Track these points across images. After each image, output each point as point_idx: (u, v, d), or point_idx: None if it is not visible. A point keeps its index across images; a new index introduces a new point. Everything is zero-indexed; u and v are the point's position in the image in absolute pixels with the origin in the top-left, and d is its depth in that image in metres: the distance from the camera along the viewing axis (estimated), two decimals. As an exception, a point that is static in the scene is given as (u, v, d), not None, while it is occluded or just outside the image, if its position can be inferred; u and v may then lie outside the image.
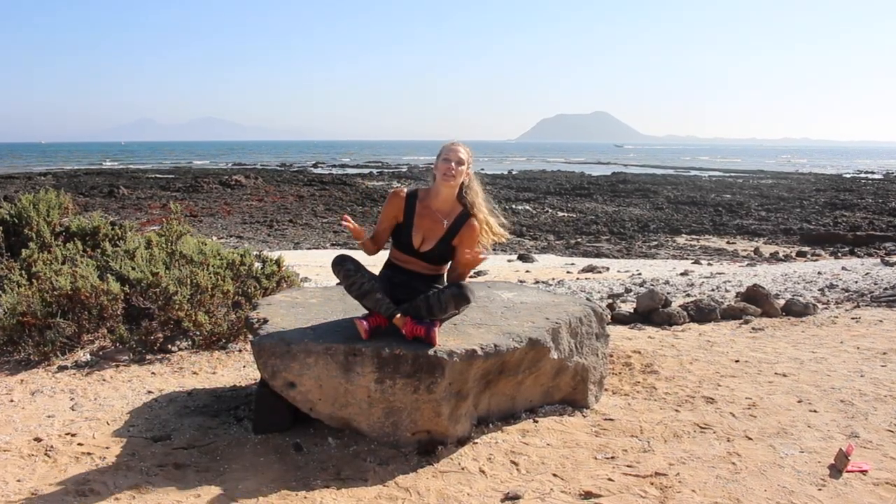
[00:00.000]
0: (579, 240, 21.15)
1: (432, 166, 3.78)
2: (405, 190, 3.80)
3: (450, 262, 3.77)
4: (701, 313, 6.78)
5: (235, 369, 4.96)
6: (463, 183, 3.75)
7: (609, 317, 6.72)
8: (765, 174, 57.00)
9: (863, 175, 56.40)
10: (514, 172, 53.85)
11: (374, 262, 4.01)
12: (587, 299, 6.00)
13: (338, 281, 3.73)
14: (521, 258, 16.47)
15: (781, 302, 7.24)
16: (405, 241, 3.72)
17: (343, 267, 3.57)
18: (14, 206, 6.77)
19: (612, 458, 3.45)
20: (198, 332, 5.32)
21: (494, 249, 18.94)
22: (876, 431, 3.80)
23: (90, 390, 4.46)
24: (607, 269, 13.99)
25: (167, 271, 5.49)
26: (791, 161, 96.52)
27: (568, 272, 13.60)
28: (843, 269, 11.26)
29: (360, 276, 3.55)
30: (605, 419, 3.97)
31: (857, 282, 9.20)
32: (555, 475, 3.25)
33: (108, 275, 5.46)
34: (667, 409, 4.15)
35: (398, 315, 3.53)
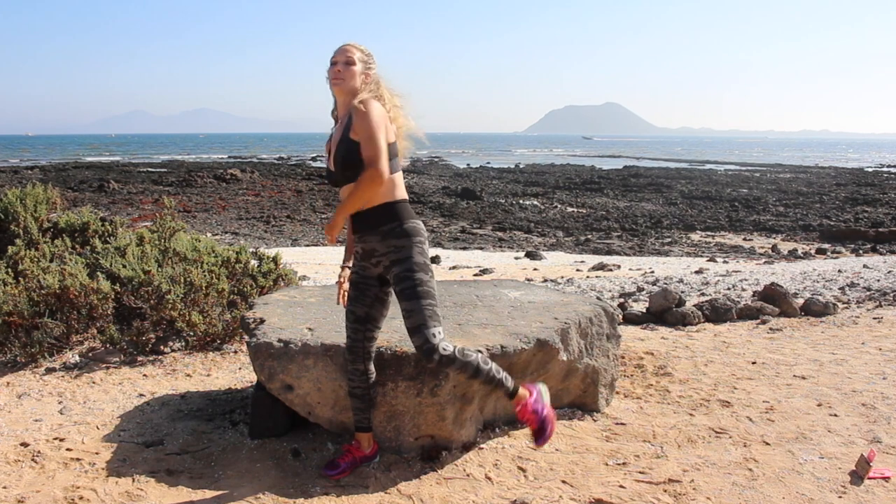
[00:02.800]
0: (589, 236, 21.13)
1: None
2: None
3: (353, 171, 3.02)
4: (716, 313, 6.77)
5: (231, 371, 4.97)
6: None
7: (620, 317, 6.71)
8: (783, 168, 56.89)
9: (885, 169, 56.23)
10: (521, 166, 53.84)
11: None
12: (597, 298, 6.00)
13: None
14: (529, 255, 16.46)
15: (800, 301, 7.22)
16: (328, 173, 3.19)
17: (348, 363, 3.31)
18: (0, 201, 6.78)
19: (624, 464, 3.44)
20: (191, 333, 5.32)
21: (500, 246, 18.93)
22: (900, 436, 3.79)
23: (79, 393, 4.47)
24: (618, 266, 13.98)
25: (159, 269, 5.49)
26: (810, 155, 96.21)
27: (577, 270, 13.58)
28: (865, 267, 11.22)
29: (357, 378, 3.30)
30: (617, 423, 3.97)
31: (879, 280, 9.17)
32: (564, 482, 3.25)
33: (98, 273, 5.47)
34: (680, 413, 4.14)
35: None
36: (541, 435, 3.23)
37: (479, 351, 3.35)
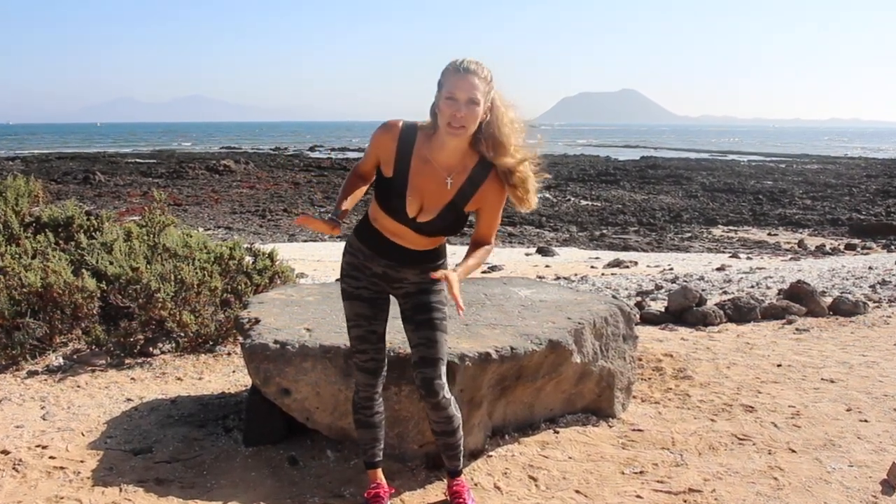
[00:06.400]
0: (604, 231, 21.11)
1: (434, 100, 2.73)
2: (401, 123, 2.80)
3: (449, 235, 2.95)
4: (739, 312, 6.75)
5: (224, 374, 4.97)
6: (481, 122, 2.72)
7: (638, 316, 6.70)
8: (810, 158, 56.68)
9: (920, 159, 56.01)
10: (531, 156, 53.77)
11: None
12: (613, 297, 5.99)
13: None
14: (541, 251, 16.45)
15: (828, 300, 7.21)
16: (395, 206, 2.79)
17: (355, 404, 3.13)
18: (-20, 194, 6.79)
19: (641, 472, 3.44)
20: (182, 334, 5.33)
21: (510, 242, 18.92)
22: (935, 444, 3.78)
23: (63, 398, 4.47)
24: (635, 263, 13.96)
25: (148, 266, 5.50)
26: (843, 145, 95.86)
27: (592, 267, 13.57)
28: (898, 263, 11.19)
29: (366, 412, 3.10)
30: (634, 429, 3.96)
31: (913, 277, 9.15)
32: (577, 492, 3.25)
33: (84, 270, 5.47)
34: (701, 419, 4.13)
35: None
36: None
37: (488, 352, 3.35)
